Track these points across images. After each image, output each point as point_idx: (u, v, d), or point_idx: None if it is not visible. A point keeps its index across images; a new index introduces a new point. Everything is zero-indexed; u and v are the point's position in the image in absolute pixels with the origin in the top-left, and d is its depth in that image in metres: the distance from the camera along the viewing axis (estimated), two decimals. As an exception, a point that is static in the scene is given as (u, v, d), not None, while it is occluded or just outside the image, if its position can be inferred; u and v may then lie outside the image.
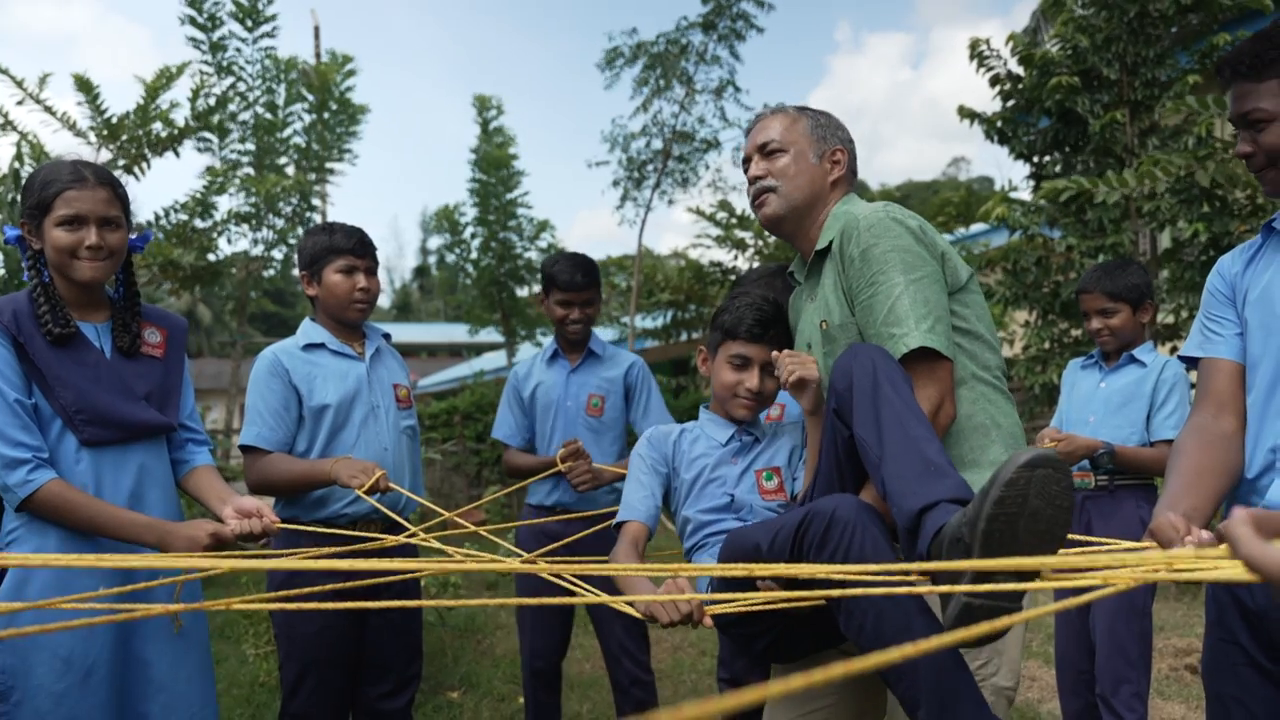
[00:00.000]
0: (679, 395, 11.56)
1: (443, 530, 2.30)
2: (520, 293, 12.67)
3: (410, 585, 2.57)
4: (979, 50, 6.90)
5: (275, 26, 8.74)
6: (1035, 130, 6.89)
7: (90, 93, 7.22)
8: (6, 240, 2.04)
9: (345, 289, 2.53)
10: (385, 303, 46.15)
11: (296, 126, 9.42)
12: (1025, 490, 1.21)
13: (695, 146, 10.84)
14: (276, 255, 9.40)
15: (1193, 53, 6.33)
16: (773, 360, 1.87)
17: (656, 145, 10.86)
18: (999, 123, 6.96)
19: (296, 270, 2.68)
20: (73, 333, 1.95)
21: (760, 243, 10.85)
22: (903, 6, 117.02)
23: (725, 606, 1.51)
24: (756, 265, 7.22)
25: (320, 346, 2.55)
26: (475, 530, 2.32)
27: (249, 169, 9.04)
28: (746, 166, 2.04)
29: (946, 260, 1.81)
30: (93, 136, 7.32)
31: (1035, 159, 7.02)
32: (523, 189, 12.30)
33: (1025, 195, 6.99)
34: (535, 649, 3.07)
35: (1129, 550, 1.27)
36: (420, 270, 48.00)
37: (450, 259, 13.73)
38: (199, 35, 8.51)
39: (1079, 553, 1.15)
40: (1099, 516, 2.77)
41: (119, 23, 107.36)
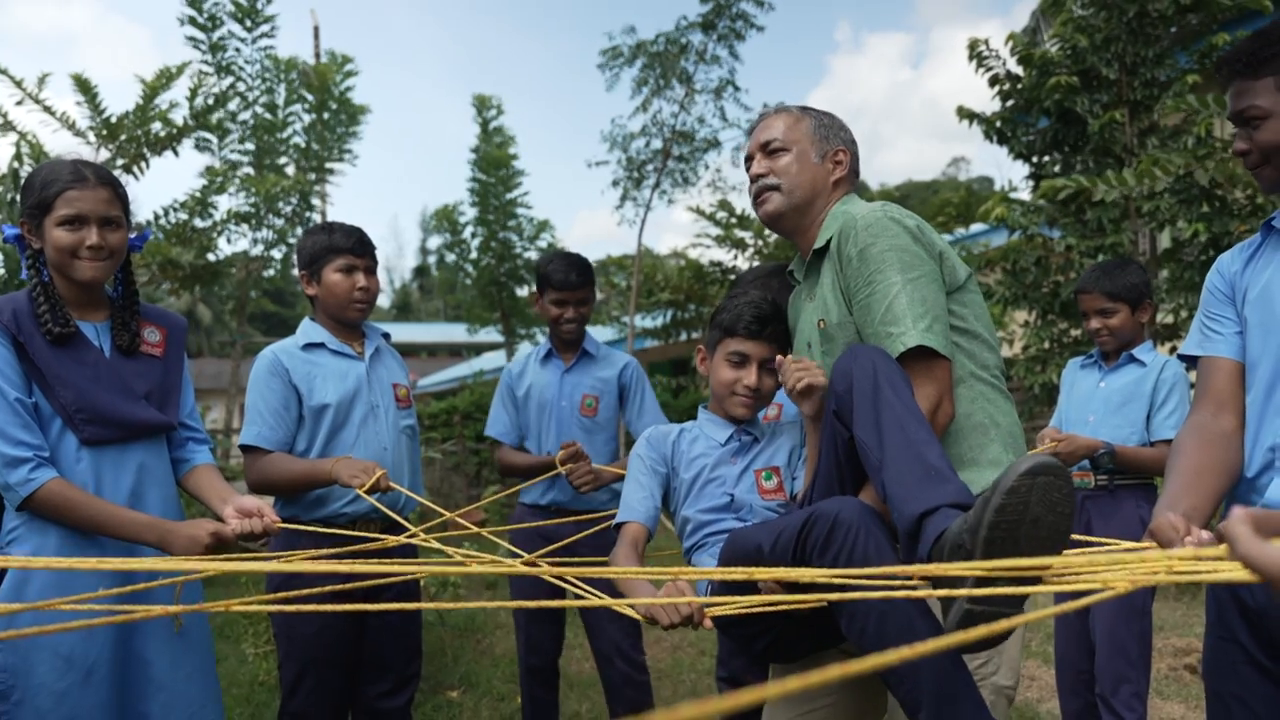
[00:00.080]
0: (678, 395, 11.55)
1: (443, 531, 2.30)
2: (520, 292, 12.66)
3: (410, 586, 2.56)
4: (978, 51, 6.90)
5: (274, 26, 8.76)
6: (1034, 130, 6.89)
7: (89, 93, 7.23)
8: (5, 239, 2.04)
9: (345, 288, 2.53)
10: (385, 302, 46.13)
11: (296, 127, 9.43)
12: (1027, 498, 1.21)
13: (695, 146, 10.83)
14: (276, 255, 9.43)
15: (1192, 52, 6.33)
16: (777, 366, 1.86)
17: (656, 145, 10.86)
18: (998, 123, 6.96)
19: (296, 270, 2.68)
20: (73, 332, 1.95)
21: (760, 242, 10.85)
22: (903, 6, 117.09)
23: (726, 608, 1.51)
24: (756, 265, 7.21)
25: (320, 346, 2.55)
26: (477, 531, 2.32)
27: (249, 169, 9.05)
28: (749, 165, 2.04)
29: (944, 259, 1.81)
30: (92, 136, 7.32)
31: (1034, 159, 7.02)
32: (522, 189, 12.31)
33: (1025, 195, 6.99)
34: (531, 646, 3.07)
35: (1129, 551, 1.26)
36: (420, 270, 48.00)
37: (450, 259, 13.72)
38: (199, 35, 8.52)
39: (1079, 554, 1.15)
40: (1099, 516, 2.77)
41: (119, 23, 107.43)
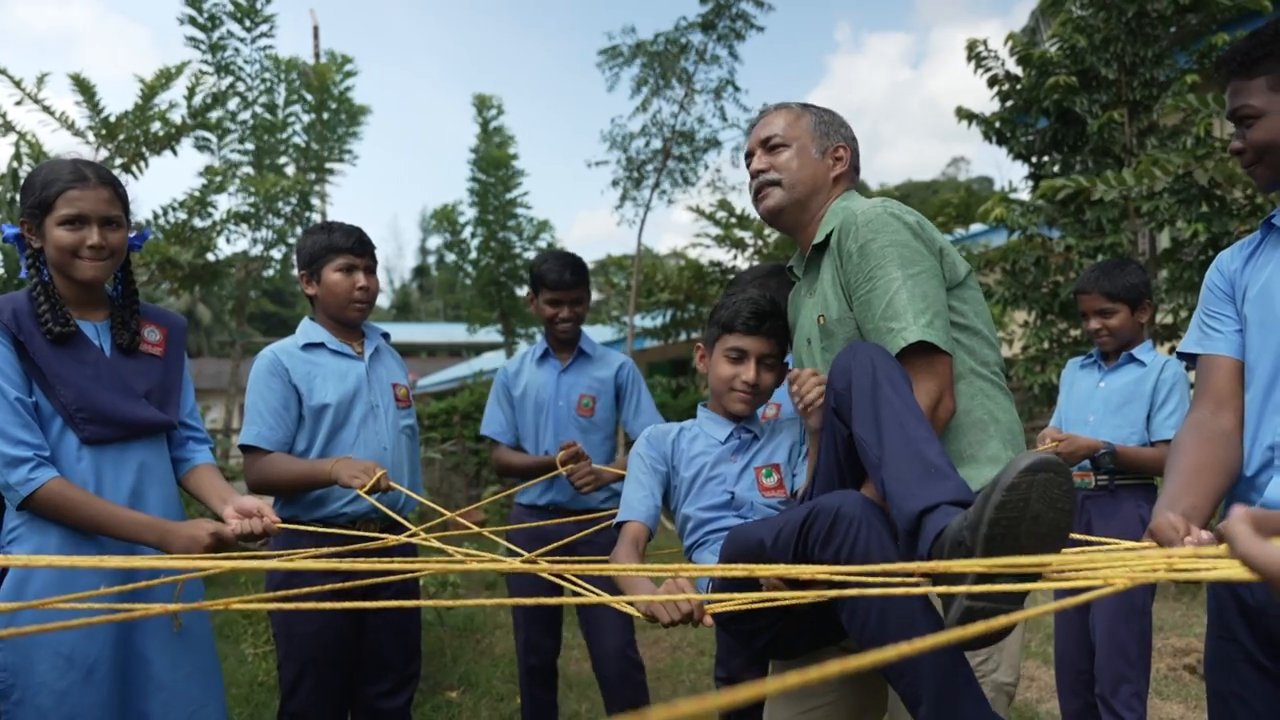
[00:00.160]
0: (678, 395, 11.54)
1: (443, 530, 2.30)
2: (519, 292, 12.65)
3: (409, 585, 2.56)
4: (976, 51, 6.91)
5: (273, 26, 8.76)
6: (1034, 130, 6.89)
7: (87, 92, 7.23)
8: (5, 239, 2.04)
9: (345, 288, 2.53)
10: (384, 302, 46.13)
11: (296, 127, 9.43)
12: (1027, 495, 1.21)
13: (696, 146, 10.82)
14: (276, 255, 9.42)
15: (1191, 52, 6.33)
16: (791, 379, 1.83)
17: (656, 145, 10.86)
18: (997, 123, 6.96)
19: (296, 270, 2.68)
20: (73, 331, 1.95)
21: (760, 242, 10.84)
22: (902, 6, 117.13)
23: (725, 604, 1.51)
24: (754, 265, 7.20)
25: (320, 346, 2.55)
26: (478, 531, 2.31)
27: (248, 169, 9.05)
28: (749, 161, 2.04)
29: (944, 256, 1.81)
30: (91, 136, 7.32)
31: (1034, 159, 7.02)
32: (522, 189, 12.31)
33: (1025, 196, 6.99)
34: (530, 646, 3.07)
35: (1129, 550, 1.27)
36: (419, 270, 48.01)
37: (449, 259, 13.72)
38: (199, 35, 8.52)
39: (1079, 553, 1.15)
40: (1099, 516, 2.76)
41: (119, 22, 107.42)
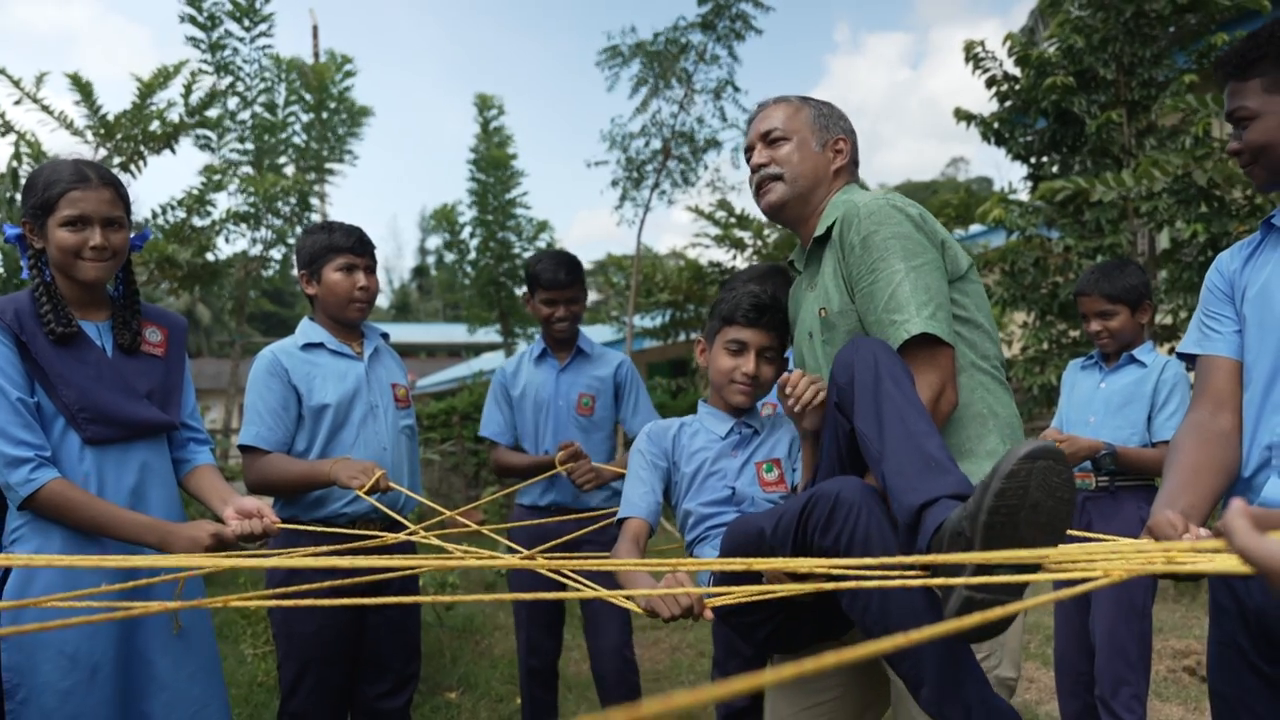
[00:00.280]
0: (677, 396, 11.53)
1: (442, 529, 2.30)
2: (519, 292, 12.65)
3: (409, 585, 2.57)
4: (974, 52, 6.91)
5: (272, 25, 8.76)
6: (1032, 131, 6.89)
7: (85, 91, 7.22)
8: (6, 239, 2.05)
9: (345, 287, 2.53)
10: (384, 302, 46.11)
11: (296, 127, 9.44)
12: (1026, 482, 1.21)
13: (695, 147, 10.82)
14: (275, 255, 9.42)
15: (1190, 52, 6.33)
16: (781, 383, 1.81)
17: (655, 145, 10.86)
18: (995, 124, 6.96)
19: (295, 270, 2.68)
20: (75, 331, 1.96)
21: (759, 242, 10.85)
22: (902, 6, 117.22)
23: (726, 598, 1.51)
24: (752, 265, 7.20)
25: (319, 346, 2.55)
26: (477, 529, 2.31)
27: (248, 169, 9.05)
28: (749, 155, 2.03)
29: (947, 248, 1.81)
30: (89, 135, 7.32)
31: (1032, 160, 7.02)
32: (521, 189, 12.31)
33: (1024, 196, 6.98)
34: (532, 647, 3.07)
35: (1127, 544, 1.27)
36: (419, 270, 47.98)
37: (449, 259, 13.71)
38: (199, 34, 8.52)
39: (1077, 547, 1.15)
40: (1099, 517, 2.75)
41: (119, 22, 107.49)
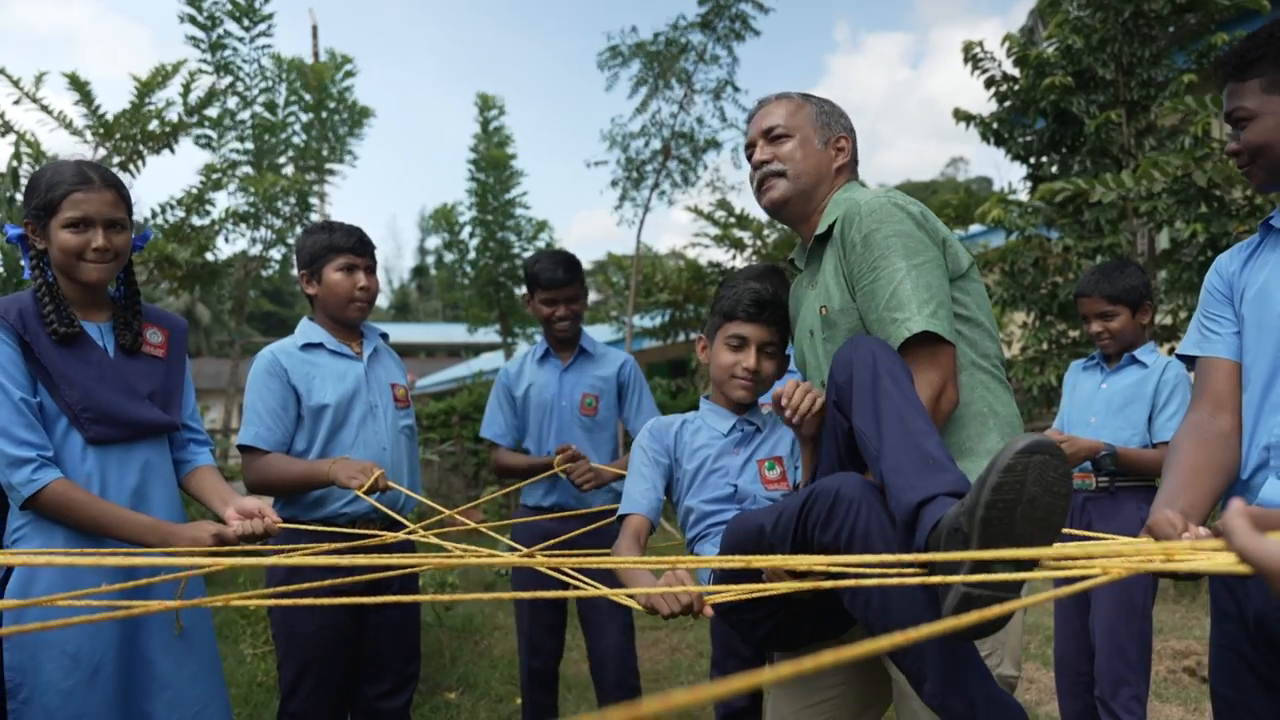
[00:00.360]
0: (676, 396, 11.53)
1: (441, 528, 2.30)
2: (518, 292, 12.64)
3: (408, 585, 2.57)
4: (973, 53, 6.91)
5: (271, 25, 8.76)
6: (1031, 131, 6.89)
7: (83, 91, 7.22)
8: (8, 239, 2.05)
9: (346, 287, 2.53)
10: (383, 302, 46.10)
11: (295, 126, 9.44)
12: (1023, 477, 1.21)
13: (696, 146, 10.82)
14: (275, 255, 9.42)
15: (1190, 52, 6.33)
16: (775, 395, 1.79)
17: (655, 145, 10.86)
18: (994, 124, 6.96)
19: (295, 270, 2.68)
20: (78, 332, 1.96)
21: (759, 242, 10.85)
22: (901, 6, 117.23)
23: (726, 595, 1.51)
24: (750, 265, 7.20)
25: (318, 346, 2.55)
26: (476, 527, 2.31)
27: (248, 169, 9.05)
28: (750, 152, 2.02)
29: (948, 247, 1.81)
30: (88, 135, 7.31)
31: (1032, 160, 7.03)
32: (521, 189, 12.31)
33: (1023, 196, 6.99)
34: (533, 649, 3.07)
35: (1125, 543, 1.27)
36: (418, 270, 47.98)
37: (448, 259, 13.70)
38: (198, 34, 8.52)
39: (1076, 546, 1.15)
40: (1100, 518, 2.75)
41: (119, 22, 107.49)
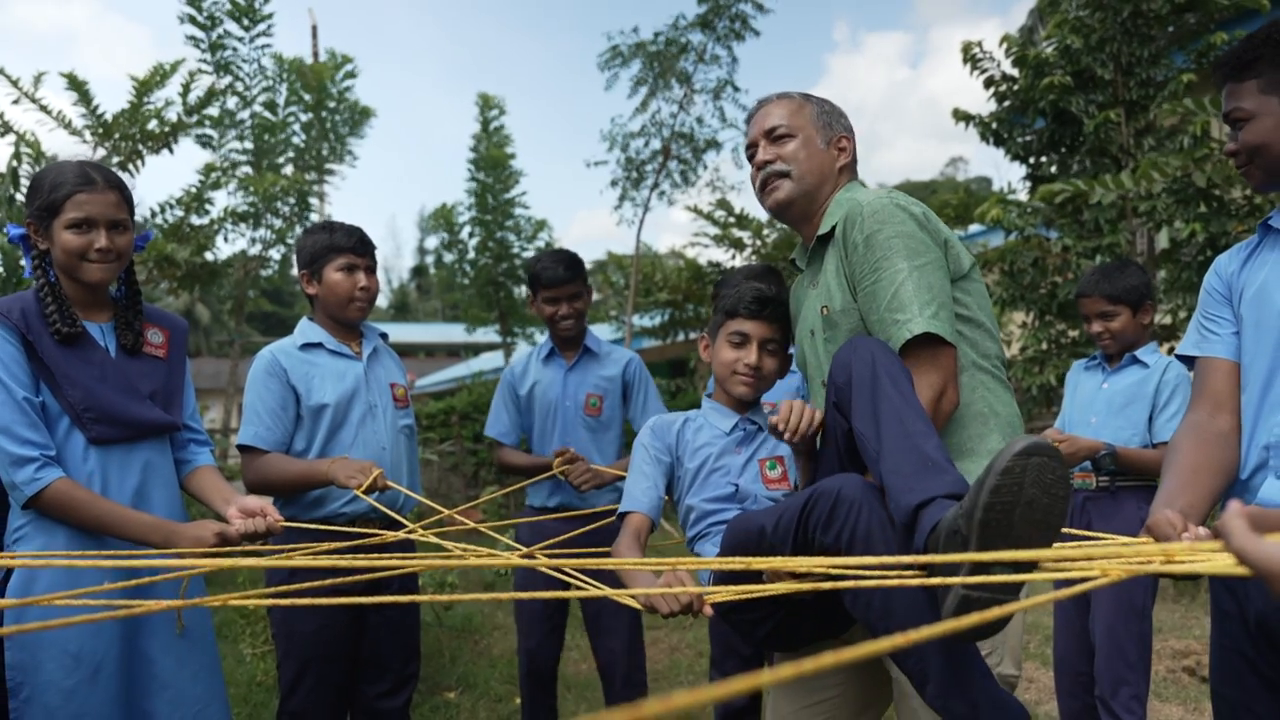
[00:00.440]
0: (676, 396, 11.54)
1: (440, 528, 2.30)
2: (518, 292, 12.64)
3: (408, 584, 2.57)
4: (972, 53, 6.91)
5: (271, 25, 8.76)
6: (1030, 131, 6.90)
7: (81, 90, 7.21)
8: (10, 239, 2.05)
9: (346, 287, 2.53)
10: (383, 302, 46.08)
11: (295, 126, 9.43)
12: (1021, 478, 1.21)
13: (696, 146, 10.82)
14: (275, 255, 9.42)
15: (1189, 52, 6.33)
16: (773, 426, 1.75)
17: (655, 145, 10.86)
18: (994, 124, 6.96)
19: (295, 270, 2.68)
20: (80, 332, 1.97)
21: (758, 242, 10.86)
22: (901, 6, 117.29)
23: (726, 594, 1.51)
24: (748, 265, 7.19)
25: (318, 346, 2.55)
26: (475, 527, 2.31)
27: (248, 168, 9.05)
28: (751, 153, 2.00)
29: (949, 247, 1.80)
30: (88, 135, 7.31)
31: (1031, 159, 7.03)
32: (520, 188, 12.31)
33: (1022, 196, 6.99)
34: (533, 649, 3.07)
35: (1125, 544, 1.27)
36: (418, 270, 47.95)
37: (448, 259, 13.70)
38: (198, 34, 8.52)
39: (1075, 546, 1.16)
40: (1100, 518, 2.75)
41: (118, 21, 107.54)
